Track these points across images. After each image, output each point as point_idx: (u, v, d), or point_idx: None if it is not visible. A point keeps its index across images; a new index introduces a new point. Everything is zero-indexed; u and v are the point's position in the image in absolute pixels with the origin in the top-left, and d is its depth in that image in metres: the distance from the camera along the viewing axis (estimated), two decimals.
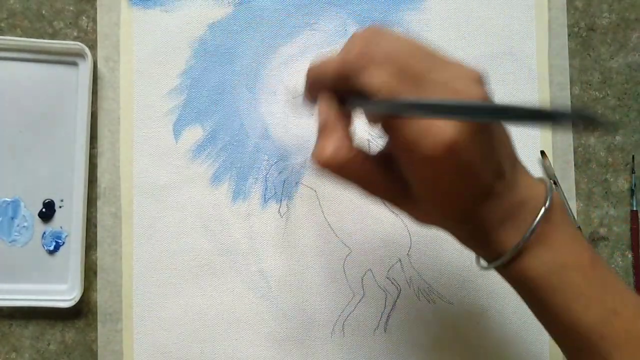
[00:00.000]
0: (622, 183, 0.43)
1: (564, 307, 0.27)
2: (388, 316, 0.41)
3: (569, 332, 0.27)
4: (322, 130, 0.26)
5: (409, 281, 0.42)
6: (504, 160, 0.26)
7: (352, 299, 0.41)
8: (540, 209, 0.26)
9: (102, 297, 0.41)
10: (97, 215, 0.41)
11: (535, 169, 0.42)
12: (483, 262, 0.29)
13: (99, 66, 0.42)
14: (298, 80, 0.42)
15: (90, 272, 0.41)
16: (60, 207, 0.41)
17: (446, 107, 0.22)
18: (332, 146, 0.25)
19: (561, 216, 0.27)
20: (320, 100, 0.27)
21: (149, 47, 0.42)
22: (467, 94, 0.23)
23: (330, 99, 0.27)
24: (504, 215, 0.27)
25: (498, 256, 0.27)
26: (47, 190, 0.41)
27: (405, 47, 0.24)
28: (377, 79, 0.24)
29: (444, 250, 0.42)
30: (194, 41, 0.42)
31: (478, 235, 0.28)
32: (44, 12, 0.42)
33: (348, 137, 0.26)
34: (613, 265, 0.43)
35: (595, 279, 0.27)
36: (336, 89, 0.26)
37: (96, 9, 0.42)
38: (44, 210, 0.41)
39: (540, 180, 0.28)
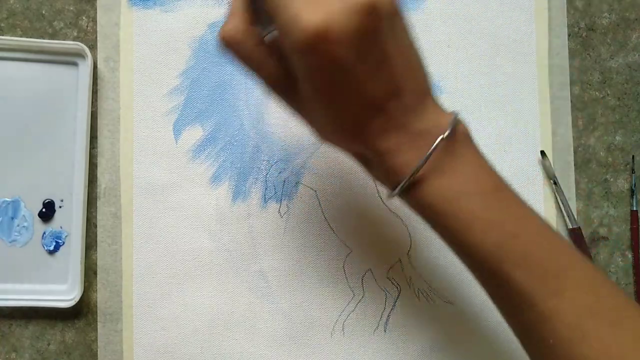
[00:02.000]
0: (622, 183, 0.43)
1: (463, 232, 0.27)
2: (388, 316, 0.41)
3: (471, 257, 0.28)
4: (229, 13, 0.27)
5: (409, 281, 0.42)
6: (402, 81, 0.26)
7: (352, 299, 0.41)
8: (443, 135, 0.26)
9: (102, 297, 0.41)
10: (97, 215, 0.41)
11: (535, 169, 0.43)
12: (386, 191, 0.29)
13: (99, 66, 0.42)
14: None
15: (90, 272, 0.41)
16: (60, 207, 0.41)
17: None
18: (230, 25, 0.26)
19: (465, 146, 0.27)
20: None
21: (149, 47, 0.42)
22: None
23: None
24: (402, 141, 0.27)
25: (397, 184, 0.27)
26: (47, 190, 0.41)
27: None
28: None
29: (444, 250, 0.42)
30: (194, 41, 0.42)
31: (377, 163, 0.28)
32: (44, 12, 0.42)
33: (247, 20, 0.27)
34: (613, 265, 0.43)
35: (495, 205, 0.27)
36: None
37: (96, 9, 0.42)
38: (44, 210, 0.41)
39: (450, 113, 0.28)
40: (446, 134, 0.26)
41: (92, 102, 0.41)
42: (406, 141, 0.27)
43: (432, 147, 0.26)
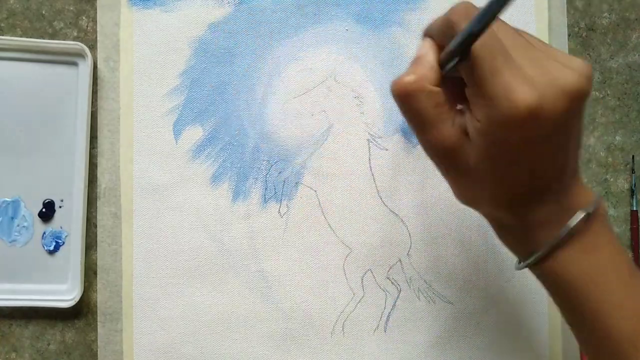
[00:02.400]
0: (622, 183, 0.43)
1: (598, 313, 0.26)
2: (388, 316, 0.41)
3: (601, 340, 0.27)
4: (416, 62, 0.27)
5: (409, 281, 0.42)
6: (569, 162, 0.26)
7: (352, 298, 0.41)
8: (585, 210, 0.26)
9: (102, 297, 0.41)
10: (97, 215, 0.41)
11: None
12: (518, 263, 0.29)
13: (99, 66, 0.42)
14: (297, 79, 0.42)
15: (90, 272, 0.41)
16: (60, 207, 0.41)
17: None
18: (416, 76, 0.26)
19: (603, 224, 0.27)
20: (423, 41, 0.28)
21: (149, 47, 0.42)
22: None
23: (432, 42, 0.27)
24: (549, 217, 0.27)
25: (530, 254, 0.27)
26: (47, 190, 0.41)
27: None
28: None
29: (444, 250, 0.42)
30: (194, 41, 0.42)
31: (517, 231, 0.28)
32: (44, 12, 0.42)
33: (434, 78, 0.26)
34: None
35: (633, 288, 0.27)
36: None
37: (96, 9, 0.42)
38: (44, 210, 0.41)
39: (590, 189, 0.28)
40: (592, 209, 0.26)
41: (92, 102, 0.41)
42: (555, 216, 0.27)
43: (577, 220, 0.26)
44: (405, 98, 0.26)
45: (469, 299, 0.42)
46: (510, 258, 0.42)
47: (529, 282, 0.42)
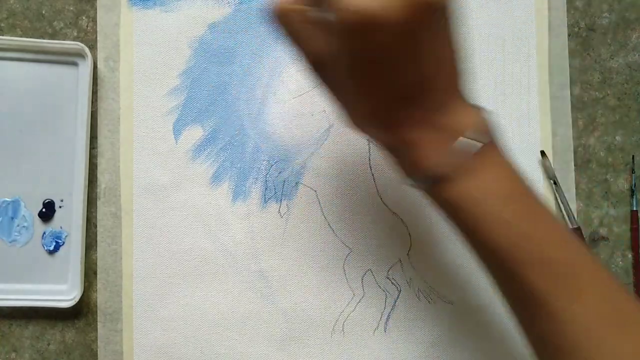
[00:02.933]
0: (622, 183, 0.43)
1: (482, 232, 0.27)
2: (388, 316, 0.41)
3: (488, 257, 0.29)
4: None
5: (409, 281, 0.42)
6: (435, 77, 0.26)
7: (352, 299, 0.41)
8: (475, 140, 0.27)
9: (102, 297, 0.41)
10: (97, 215, 0.41)
11: (535, 169, 0.43)
12: (409, 180, 0.30)
13: (99, 66, 0.42)
14: (297, 79, 0.42)
15: (90, 272, 0.41)
16: (60, 207, 0.41)
17: None
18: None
19: (492, 148, 0.28)
20: None
21: (149, 47, 0.42)
22: None
23: None
24: (427, 135, 0.27)
25: (423, 177, 0.28)
26: (47, 190, 0.41)
27: None
28: None
29: (444, 250, 0.42)
30: (194, 41, 0.42)
31: (402, 152, 0.28)
32: (44, 12, 0.42)
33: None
34: (613, 265, 0.43)
35: (516, 207, 0.27)
36: None
37: (96, 9, 0.42)
38: (44, 210, 0.41)
39: (478, 109, 0.28)
40: (467, 133, 0.27)
41: (92, 102, 0.41)
42: (431, 136, 0.27)
43: (471, 149, 0.27)
44: (278, 18, 0.27)
45: (469, 299, 0.42)
46: None
47: None
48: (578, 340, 0.26)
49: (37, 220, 0.41)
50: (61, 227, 0.41)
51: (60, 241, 0.41)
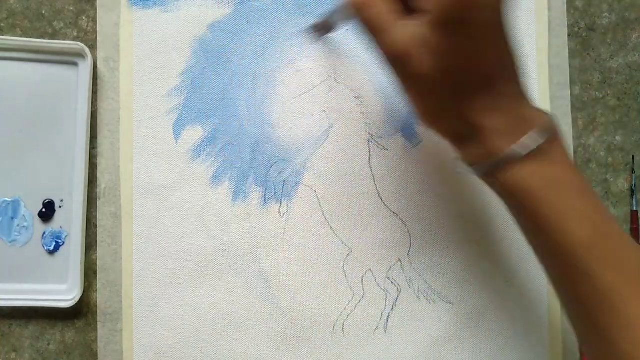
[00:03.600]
0: (622, 183, 0.43)
1: (555, 220, 0.27)
2: (388, 316, 0.41)
3: (556, 249, 0.28)
4: None
5: (409, 281, 0.42)
6: (512, 63, 0.28)
7: (352, 299, 0.41)
8: (544, 129, 0.28)
9: (102, 297, 0.41)
10: (97, 215, 0.41)
11: None
12: (464, 167, 0.30)
13: (99, 66, 0.42)
14: (297, 79, 0.42)
15: (90, 272, 0.41)
16: (60, 207, 0.41)
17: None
18: None
19: (558, 143, 0.29)
20: None
21: (149, 47, 0.42)
22: None
23: None
24: (505, 122, 0.28)
25: (495, 161, 0.28)
26: (47, 190, 0.41)
27: None
28: None
29: (444, 250, 0.42)
30: (194, 41, 0.42)
31: (475, 138, 0.29)
32: (44, 12, 0.42)
33: None
34: None
35: (589, 201, 0.28)
36: None
37: (96, 9, 0.42)
38: (44, 210, 0.41)
39: (541, 109, 0.29)
40: (539, 125, 0.28)
41: (92, 102, 0.41)
42: (509, 123, 0.28)
43: (541, 135, 0.27)
44: (362, 5, 0.28)
45: (469, 299, 0.42)
46: (511, 258, 0.42)
47: (529, 283, 0.42)
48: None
49: (37, 220, 0.41)
50: (61, 227, 0.41)
51: (60, 241, 0.41)
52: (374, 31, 0.28)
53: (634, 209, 0.43)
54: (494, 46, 0.27)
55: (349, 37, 0.42)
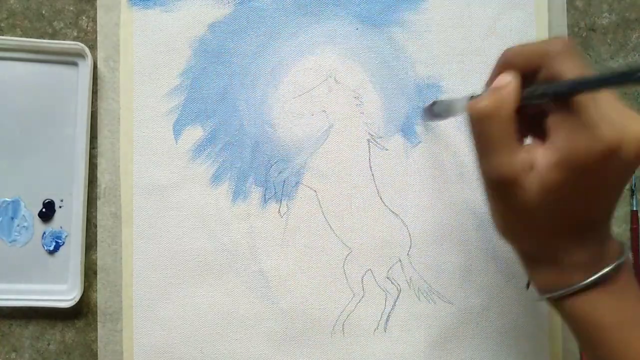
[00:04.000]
0: None
1: (623, 356, 0.27)
2: (388, 316, 0.41)
3: None
4: (493, 88, 0.27)
5: (409, 281, 0.42)
6: (613, 207, 0.28)
7: (352, 299, 0.41)
8: (615, 261, 0.28)
9: (102, 297, 0.41)
10: (97, 215, 0.41)
11: None
12: (540, 293, 0.30)
13: (99, 66, 0.42)
14: (297, 79, 0.42)
15: (90, 272, 0.41)
16: (60, 207, 0.41)
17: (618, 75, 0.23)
18: (500, 100, 0.26)
19: (629, 274, 0.29)
20: (504, 71, 0.28)
21: (149, 47, 0.42)
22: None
23: (514, 74, 0.27)
24: (584, 260, 0.28)
25: (561, 287, 0.28)
26: (47, 190, 0.41)
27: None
28: (571, 68, 0.25)
29: (444, 250, 0.42)
30: (194, 41, 0.42)
31: (550, 269, 0.29)
32: (44, 12, 0.42)
33: (516, 103, 0.27)
34: None
35: None
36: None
37: (96, 9, 0.42)
38: (44, 210, 0.41)
39: (619, 242, 0.29)
40: (622, 259, 0.28)
41: (92, 102, 0.41)
42: (591, 259, 0.28)
43: (611, 266, 0.27)
44: (478, 120, 0.27)
45: (469, 299, 0.42)
46: (511, 258, 0.42)
47: None
48: None
49: (37, 220, 0.41)
50: (61, 227, 0.41)
51: (60, 241, 0.41)
52: (486, 149, 0.27)
53: (634, 209, 0.43)
54: (610, 196, 0.27)
55: (349, 37, 0.42)
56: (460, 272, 0.42)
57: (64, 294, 0.41)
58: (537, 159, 0.26)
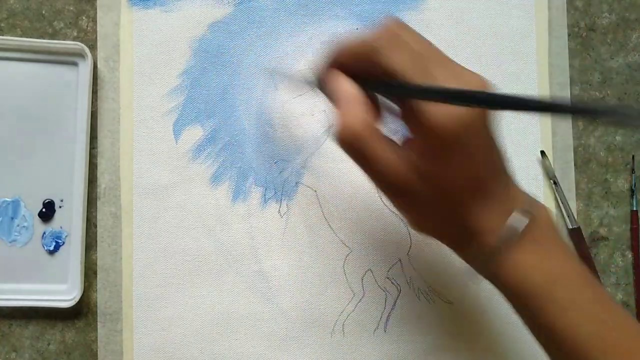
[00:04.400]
0: (622, 183, 0.43)
1: (556, 317, 0.27)
2: (388, 316, 0.41)
3: (559, 342, 0.28)
4: (339, 105, 0.27)
5: (409, 281, 0.42)
6: (499, 163, 0.28)
7: (352, 299, 0.41)
8: (528, 206, 0.28)
9: (102, 297, 0.41)
10: (97, 215, 0.41)
11: (535, 169, 0.42)
12: (472, 274, 0.30)
13: (99, 66, 0.42)
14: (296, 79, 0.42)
15: (90, 272, 0.41)
16: (60, 207, 0.41)
17: (458, 93, 0.24)
18: (353, 117, 0.27)
19: (554, 231, 0.28)
20: (332, 78, 0.29)
21: (149, 47, 0.42)
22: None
23: (343, 76, 0.28)
24: (493, 221, 0.28)
25: (488, 253, 0.28)
26: (47, 190, 0.41)
27: (426, 46, 0.27)
28: (398, 62, 0.26)
29: (444, 250, 0.42)
30: (194, 41, 0.42)
31: (473, 241, 0.28)
32: (44, 12, 0.42)
33: (369, 111, 0.27)
34: (613, 265, 0.43)
35: (588, 293, 0.27)
36: (348, 69, 0.28)
37: (96, 9, 0.42)
38: (44, 210, 0.41)
39: (530, 196, 0.29)
40: (527, 209, 0.28)
41: (92, 102, 0.41)
42: (501, 219, 0.28)
43: (515, 218, 0.27)
44: (354, 143, 0.27)
45: (469, 299, 0.42)
46: None
47: None
48: None
49: (37, 220, 0.41)
50: (61, 227, 0.41)
51: (60, 241, 0.41)
52: (371, 163, 0.28)
53: (634, 209, 0.43)
54: (483, 159, 0.27)
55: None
56: (460, 272, 0.42)
57: (64, 294, 0.41)
58: (407, 152, 0.27)
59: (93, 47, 0.42)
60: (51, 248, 0.41)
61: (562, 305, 0.27)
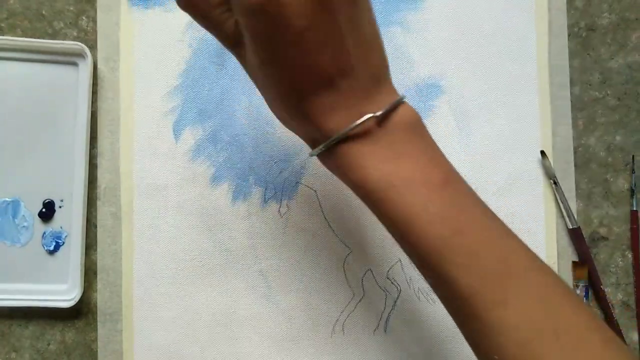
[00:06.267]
0: (622, 183, 0.43)
1: (405, 223, 0.25)
2: (388, 316, 0.41)
3: (413, 251, 0.26)
4: None
5: (409, 281, 0.42)
6: (356, 60, 0.25)
7: (352, 299, 0.41)
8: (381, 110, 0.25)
9: (102, 297, 0.41)
10: (97, 215, 0.41)
11: (535, 169, 0.42)
12: (311, 149, 0.28)
13: (99, 66, 0.42)
14: None
15: (90, 272, 0.41)
16: (60, 207, 0.41)
17: None
18: None
19: (415, 133, 0.26)
20: None
21: (149, 47, 0.42)
22: None
23: None
24: (343, 121, 0.25)
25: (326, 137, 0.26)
26: (47, 190, 0.41)
27: None
28: None
29: None
30: (194, 41, 0.42)
31: (320, 136, 0.27)
32: (44, 12, 0.42)
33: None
34: (613, 265, 0.43)
35: (443, 198, 0.25)
36: None
37: (96, 9, 0.42)
38: (44, 210, 0.41)
39: (399, 98, 0.26)
40: (379, 113, 0.25)
41: (92, 102, 0.41)
42: (351, 119, 0.25)
43: (360, 120, 0.25)
44: (187, 6, 0.26)
45: None
46: None
47: None
48: (509, 352, 0.24)
49: (37, 220, 0.41)
50: (61, 227, 0.41)
51: (60, 241, 0.41)
52: (209, 28, 0.26)
53: (634, 209, 0.43)
54: (328, 50, 0.24)
55: None
56: None
57: (64, 294, 0.41)
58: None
59: (93, 47, 0.42)
60: (51, 248, 0.41)
61: (409, 211, 0.25)
